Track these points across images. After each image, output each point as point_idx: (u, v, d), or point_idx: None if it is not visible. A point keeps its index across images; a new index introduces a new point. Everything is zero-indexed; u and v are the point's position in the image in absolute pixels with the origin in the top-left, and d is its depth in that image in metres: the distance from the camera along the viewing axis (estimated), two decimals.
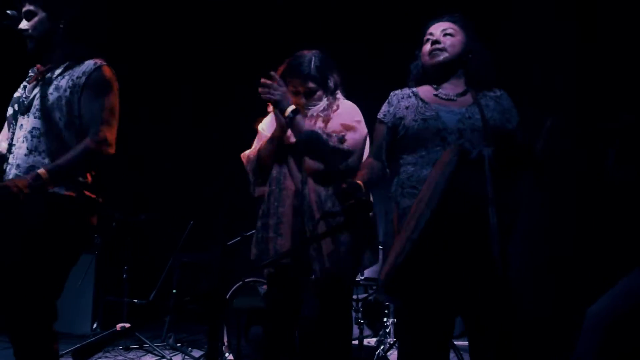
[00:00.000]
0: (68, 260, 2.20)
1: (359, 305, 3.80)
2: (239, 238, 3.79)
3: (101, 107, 2.17)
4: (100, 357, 4.02)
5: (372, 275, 3.76)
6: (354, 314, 3.75)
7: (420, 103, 2.14)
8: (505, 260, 1.93)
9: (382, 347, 3.72)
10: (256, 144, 2.60)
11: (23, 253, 2.06)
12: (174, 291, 4.52)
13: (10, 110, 2.28)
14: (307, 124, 2.38)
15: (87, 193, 2.18)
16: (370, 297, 4.00)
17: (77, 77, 2.18)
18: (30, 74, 2.33)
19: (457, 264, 1.92)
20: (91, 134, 2.14)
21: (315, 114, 2.46)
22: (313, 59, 2.47)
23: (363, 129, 2.48)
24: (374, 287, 3.95)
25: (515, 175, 2.05)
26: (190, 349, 4.34)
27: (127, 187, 5.05)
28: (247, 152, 2.61)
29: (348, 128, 2.41)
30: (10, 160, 2.19)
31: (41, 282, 2.10)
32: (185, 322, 4.89)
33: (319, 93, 2.48)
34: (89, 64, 2.21)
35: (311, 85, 2.45)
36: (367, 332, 3.90)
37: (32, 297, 2.08)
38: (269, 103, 2.49)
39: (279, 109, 2.38)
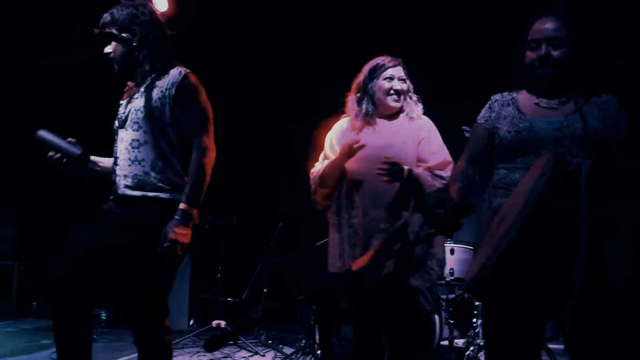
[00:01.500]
0: (177, 260, 2.36)
1: (448, 306, 3.78)
2: (327, 240, 3.86)
3: (196, 116, 2.31)
4: (197, 353, 4.23)
5: (462, 275, 3.74)
6: (443, 314, 3.75)
7: (517, 113, 2.06)
8: (592, 276, 1.80)
9: (472, 349, 3.69)
10: (322, 160, 2.74)
11: (140, 256, 2.21)
12: (265, 290, 4.68)
13: (113, 127, 2.46)
14: (421, 175, 2.50)
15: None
16: (458, 298, 3.97)
17: (165, 89, 2.29)
18: (125, 91, 2.48)
19: (546, 275, 1.85)
20: (195, 147, 2.27)
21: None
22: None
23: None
24: (462, 287, 3.92)
25: (614, 189, 1.90)
26: (281, 346, 4.49)
27: (219, 190, 5.24)
28: (314, 170, 2.72)
29: (445, 164, 2.55)
30: (117, 172, 2.35)
31: (155, 282, 2.26)
32: (275, 321, 5.06)
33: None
34: (174, 75, 2.31)
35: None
36: (454, 332, 3.88)
37: (148, 295, 2.24)
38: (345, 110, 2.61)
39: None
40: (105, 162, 2.49)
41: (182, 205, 2.21)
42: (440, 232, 2.08)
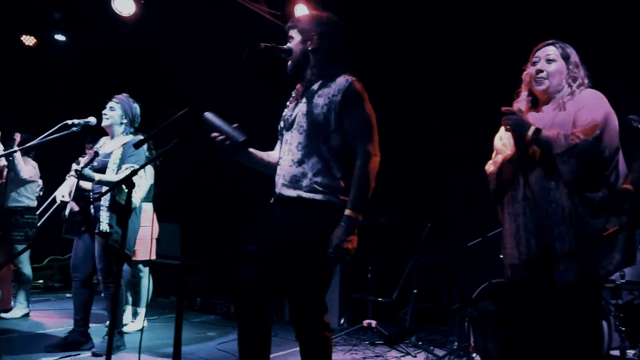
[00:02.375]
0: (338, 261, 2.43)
1: (618, 312, 3.48)
2: (480, 239, 3.76)
3: (361, 123, 2.36)
4: (349, 351, 4.33)
5: (635, 278, 3.43)
6: (612, 321, 3.46)
7: None
8: None
9: None
10: (494, 155, 2.67)
11: (299, 256, 2.32)
12: (415, 291, 4.67)
13: (279, 127, 2.60)
14: (551, 136, 2.34)
15: (342, 197, 2.37)
16: (636, 302, 3.64)
17: (332, 95, 2.37)
18: (292, 94, 2.62)
19: None
20: (359, 153, 2.33)
21: (561, 101, 2.47)
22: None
23: (611, 119, 2.37)
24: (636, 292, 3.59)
25: None
26: (432, 347, 4.44)
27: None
28: (488, 167, 2.64)
29: (591, 127, 2.32)
30: (278, 171, 2.48)
31: (318, 282, 2.36)
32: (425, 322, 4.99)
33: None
34: (341, 82, 2.39)
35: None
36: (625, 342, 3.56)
37: (312, 295, 2.35)
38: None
39: (519, 134, 2.42)
40: (260, 155, 2.60)
41: (347, 212, 2.27)
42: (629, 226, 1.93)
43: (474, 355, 3.71)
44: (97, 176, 3.82)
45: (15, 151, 3.69)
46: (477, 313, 3.54)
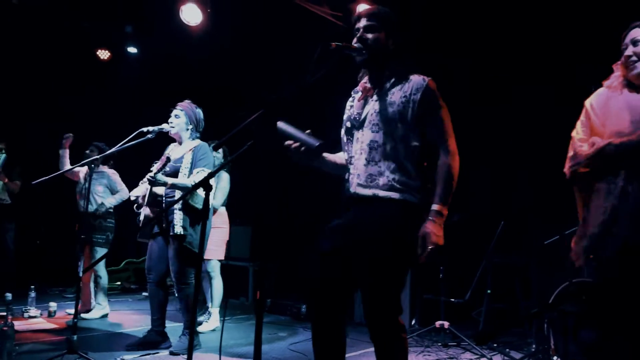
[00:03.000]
0: (414, 261, 2.38)
1: None
2: (558, 237, 3.61)
3: (441, 121, 2.35)
4: (421, 352, 4.27)
5: None
6: None
7: None
8: None
9: None
10: (580, 127, 2.57)
11: (374, 255, 2.29)
12: (488, 292, 4.54)
13: (344, 128, 2.57)
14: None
15: (419, 196, 2.34)
16: None
17: (411, 94, 2.35)
18: (353, 95, 2.59)
19: None
20: (442, 151, 2.32)
21: None
22: None
23: None
24: None
25: None
26: (507, 349, 4.31)
27: None
28: (581, 146, 2.52)
29: None
30: (351, 171, 2.45)
31: (393, 281, 2.32)
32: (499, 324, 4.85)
33: None
34: (418, 81, 2.37)
35: None
36: None
37: (387, 295, 2.31)
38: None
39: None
40: (332, 157, 2.60)
41: (436, 207, 2.25)
42: None
43: (554, 358, 3.56)
44: (170, 181, 3.96)
45: (96, 159, 3.87)
46: (557, 314, 3.40)
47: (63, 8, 6.26)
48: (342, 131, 2.57)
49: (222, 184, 5.06)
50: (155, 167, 3.87)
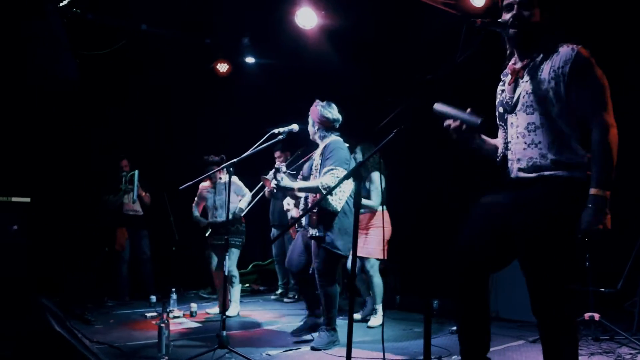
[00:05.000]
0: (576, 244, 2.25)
1: None
2: None
3: (593, 93, 2.20)
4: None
5: None
6: None
7: None
8: None
9: None
10: None
11: (539, 236, 2.20)
12: None
13: (497, 113, 2.50)
14: None
15: (588, 172, 2.21)
16: None
17: (559, 67, 2.23)
18: (502, 79, 2.50)
19: None
20: (595, 125, 2.17)
21: None
22: None
23: None
24: None
25: None
26: None
27: None
28: None
29: None
30: (509, 156, 2.39)
31: (559, 263, 2.20)
32: None
33: None
34: (566, 52, 2.24)
35: None
36: None
37: (553, 277, 2.20)
38: None
39: None
40: (491, 140, 2.54)
41: (592, 191, 2.13)
42: None
43: None
44: (297, 185, 4.05)
45: (221, 169, 4.08)
46: None
47: (185, 27, 6.67)
48: (496, 117, 2.50)
49: (374, 185, 5.08)
50: (269, 175, 4.04)
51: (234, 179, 5.79)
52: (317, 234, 4.02)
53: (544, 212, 2.19)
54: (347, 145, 4.23)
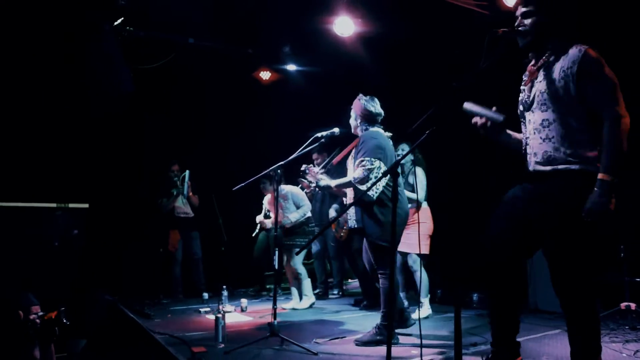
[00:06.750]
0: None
1: None
2: None
3: (602, 88, 2.38)
4: (607, 334, 4.07)
5: None
6: None
7: None
8: None
9: None
10: None
11: (557, 227, 2.39)
12: None
13: (518, 111, 2.72)
14: None
15: (599, 165, 2.37)
16: None
17: (567, 67, 2.43)
18: (523, 79, 2.71)
19: None
20: (606, 117, 2.35)
21: None
22: None
23: None
24: None
25: None
26: None
27: None
28: None
29: None
30: (528, 151, 2.60)
31: (580, 254, 2.38)
32: None
33: None
34: (574, 53, 2.44)
35: None
36: None
37: (573, 268, 2.38)
38: None
39: None
40: (516, 135, 2.76)
41: (600, 175, 2.30)
42: None
43: None
44: (333, 183, 4.17)
45: (269, 171, 4.30)
46: None
47: (228, 39, 7.01)
48: (518, 114, 2.73)
49: (419, 179, 5.16)
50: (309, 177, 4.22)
51: (296, 189, 6.13)
52: (356, 226, 4.12)
53: (558, 205, 2.38)
54: (390, 135, 4.21)
